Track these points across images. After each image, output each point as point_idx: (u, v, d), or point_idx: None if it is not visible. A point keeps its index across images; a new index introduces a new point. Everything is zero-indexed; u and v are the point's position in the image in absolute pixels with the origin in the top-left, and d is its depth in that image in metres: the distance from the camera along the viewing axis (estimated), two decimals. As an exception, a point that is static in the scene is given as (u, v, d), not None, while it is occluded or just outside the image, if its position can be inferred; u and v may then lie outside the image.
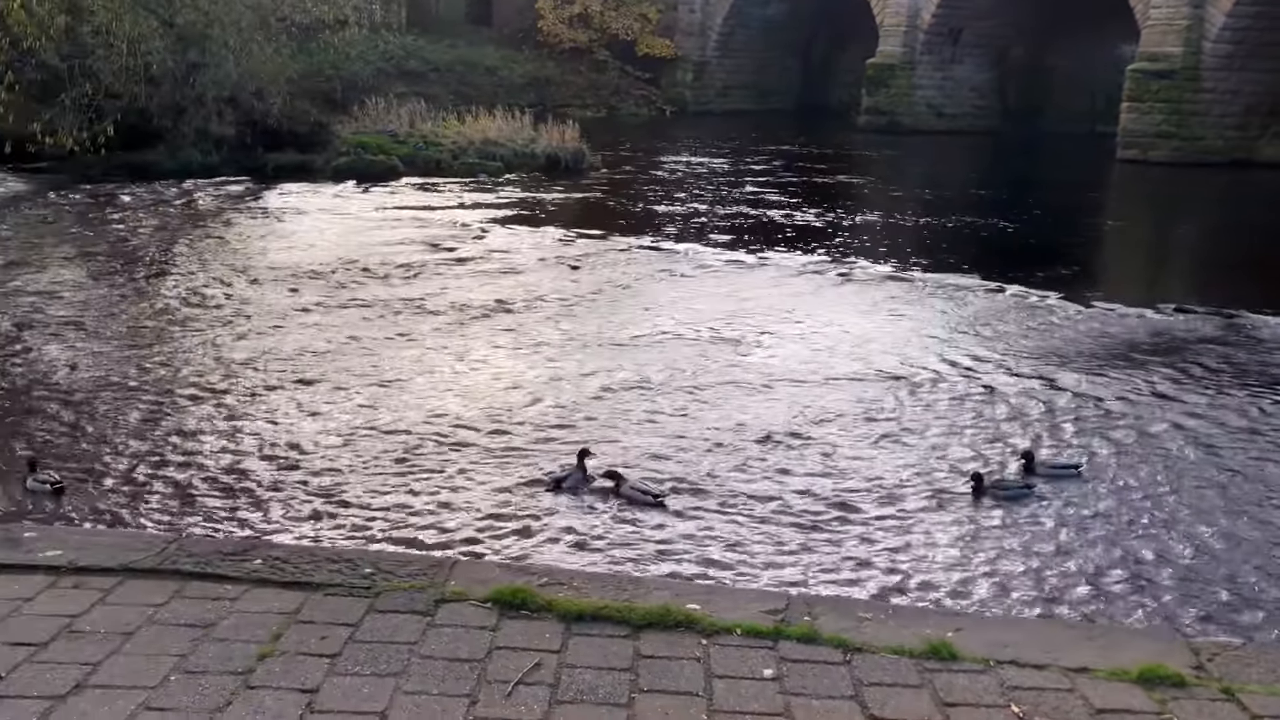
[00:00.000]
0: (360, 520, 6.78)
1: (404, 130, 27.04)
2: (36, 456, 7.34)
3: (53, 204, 19.76)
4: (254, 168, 23.11)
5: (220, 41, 22.35)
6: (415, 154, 25.13)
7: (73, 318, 11.77)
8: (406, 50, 37.95)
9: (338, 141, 24.76)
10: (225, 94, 22.42)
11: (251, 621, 4.16)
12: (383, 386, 9.51)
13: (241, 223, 18.60)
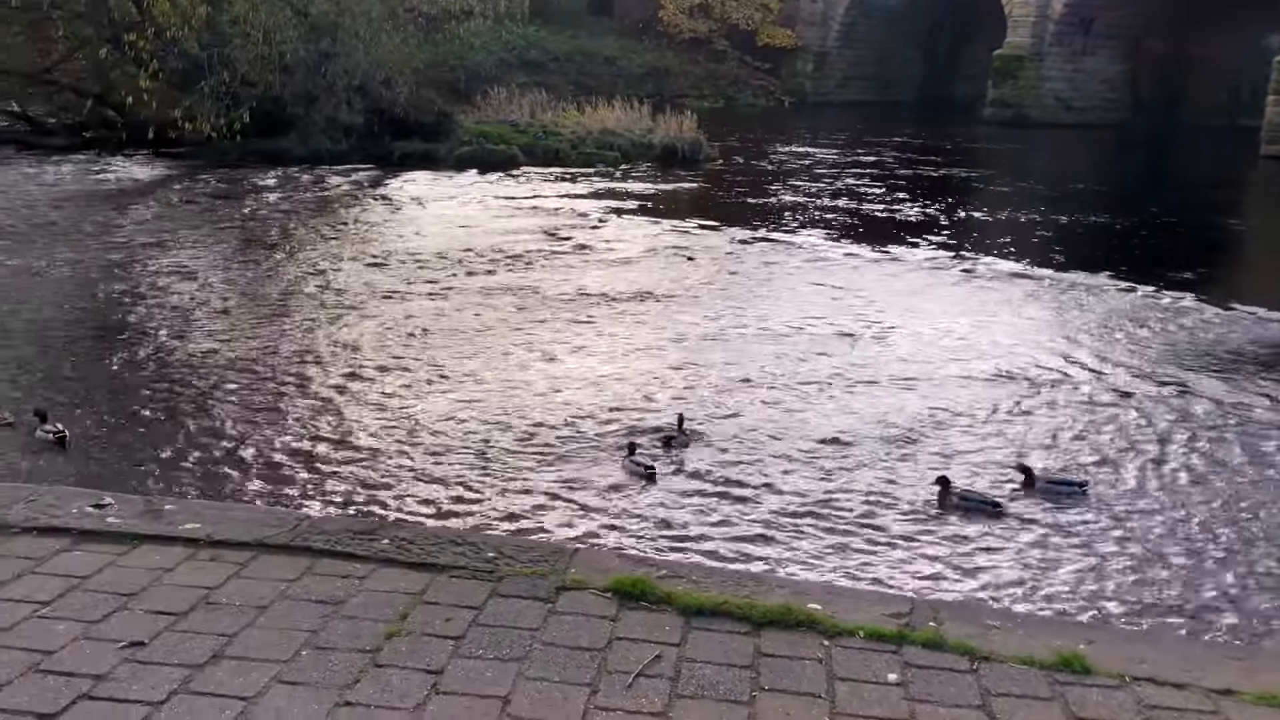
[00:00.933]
0: (478, 503, 6.87)
1: (524, 120, 27.39)
2: (47, 409, 7.81)
3: (191, 187, 20.55)
4: (380, 155, 23.67)
5: (351, 31, 22.92)
6: (535, 143, 25.40)
7: (204, 296, 12.22)
8: (528, 41, 38.42)
9: (460, 131, 25.18)
10: (355, 83, 22.97)
11: (379, 600, 4.24)
12: (496, 372, 9.63)
13: (367, 209, 19.07)
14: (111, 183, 21.22)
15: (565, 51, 40.29)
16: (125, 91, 22.39)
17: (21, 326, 10.81)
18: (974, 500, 7.00)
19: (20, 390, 8.82)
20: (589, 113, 27.93)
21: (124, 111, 23.97)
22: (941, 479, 7.11)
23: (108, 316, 11.38)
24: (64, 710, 3.39)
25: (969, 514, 6.91)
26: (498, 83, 31.36)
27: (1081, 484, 7.31)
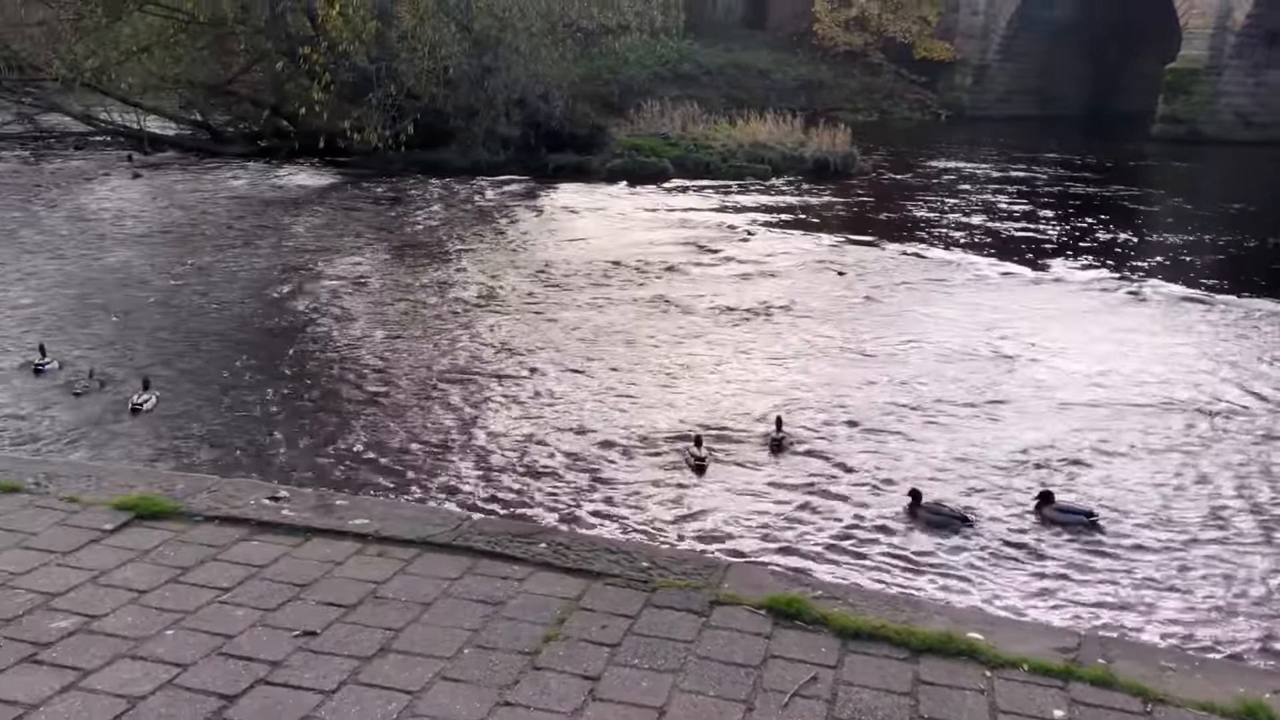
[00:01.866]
0: (624, 510, 6.92)
1: (676, 133, 27.55)
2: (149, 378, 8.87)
3: (357, 196, 21.38)
4: (535, 167, 24.17)
5: (512, 46, 23.49)
6: (686, 156, 25.52)
7: (365, 299, 12.70)
8: (681, 54, 38.66)
9: (613, 143, 25.49)
10: (514, 96, 23.53)
11: (537, 603, 4.32)
12: (643, 382, 9.69)
13: (521, 219, 19.48)
14: (283, 190, 22.26)
15: (718, 65, 40.38)
16: (299, 103, 23.46)
17: (196, 323, 11.41)
18: (944, 514, 6.86)
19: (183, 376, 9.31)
20: (740, 126, 27.92)
21: (297, 122, 25.14)
22: (913, 491, 7.01)
23: (275, 316, 11.92)
24: (243, 693, 3.56)
25: (938, 528, 6.78)
26: (650, 96, 31.65)
27: (1090, 514, 6.94)
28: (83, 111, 26.46)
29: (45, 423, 8.15)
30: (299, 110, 23.52)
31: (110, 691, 3.50)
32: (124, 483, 5.32)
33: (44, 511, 4.90)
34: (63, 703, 3.43)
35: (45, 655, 3.71)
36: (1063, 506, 6.97)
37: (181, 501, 5.07)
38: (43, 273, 13.59)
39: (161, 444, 7.80)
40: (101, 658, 3.71)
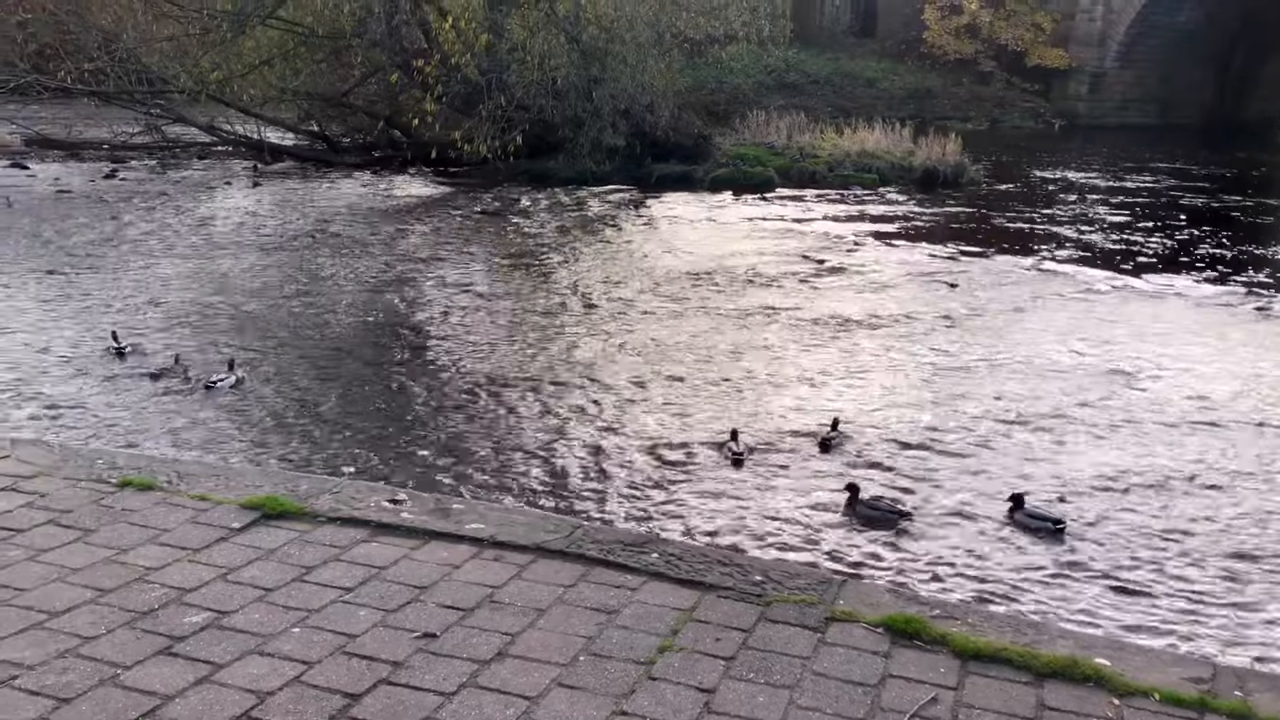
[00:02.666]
0: (729, 522, 6.89)
1: (781, 142, 27.41)
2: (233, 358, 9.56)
3: (466, 205, 21.77)
4: (640, 177, 24.28)
5: (619, 57, 23.66)
6: (791, 165, 25.36)
7: (472, 306, 12.90)
8: (787, 63, 38.48)
9: (718, 153, 25.48)
10: (621, 107, 23.68)
11: (651, 613, 4.32)
12: (747, 394, 9.64)
13: (626, 228, 19.59)
14: (395, 199, 22.78)
15: (825, 74, 40.09)
16: (411, 114, 24.01)
17: (309, 327, 11.73)
18: (881, 510, 6.95)
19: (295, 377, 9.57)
20: (847, 135, 27.63)
21: (409, 133, 25.73)
22: (850, 485, 7.13)
23: (385, 321, 12.18)
24: (367, 692, 3.64)
25: (874, 523, 6.86)
26: (756, 105, 31.55)
27: (1057, 521, 6.87)
28: (207, 122, 27.47)
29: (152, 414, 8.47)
30: (411, 122, 24.05)
31: (240, 686, 3.61)
32: (251, 482, 5.49)
33: (176, 509, 5.09)
34: (196, 695, 3.55)
35: (179, 648, 3.84)
36: (1032, 512, 7.01)
37: (305, 502, 5.21)
38: (167, 276, 14.14)
39: (273, 442, 8.02)
40: (231, 653, 3.83)
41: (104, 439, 7.83)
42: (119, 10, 27.30)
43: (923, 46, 44.10)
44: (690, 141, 25.17)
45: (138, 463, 5.83)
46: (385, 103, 26.88)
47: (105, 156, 26.89)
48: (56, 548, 4.59)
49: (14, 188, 21.91)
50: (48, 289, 13.11)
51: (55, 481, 5.35)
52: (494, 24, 23.41)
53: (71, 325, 11.33)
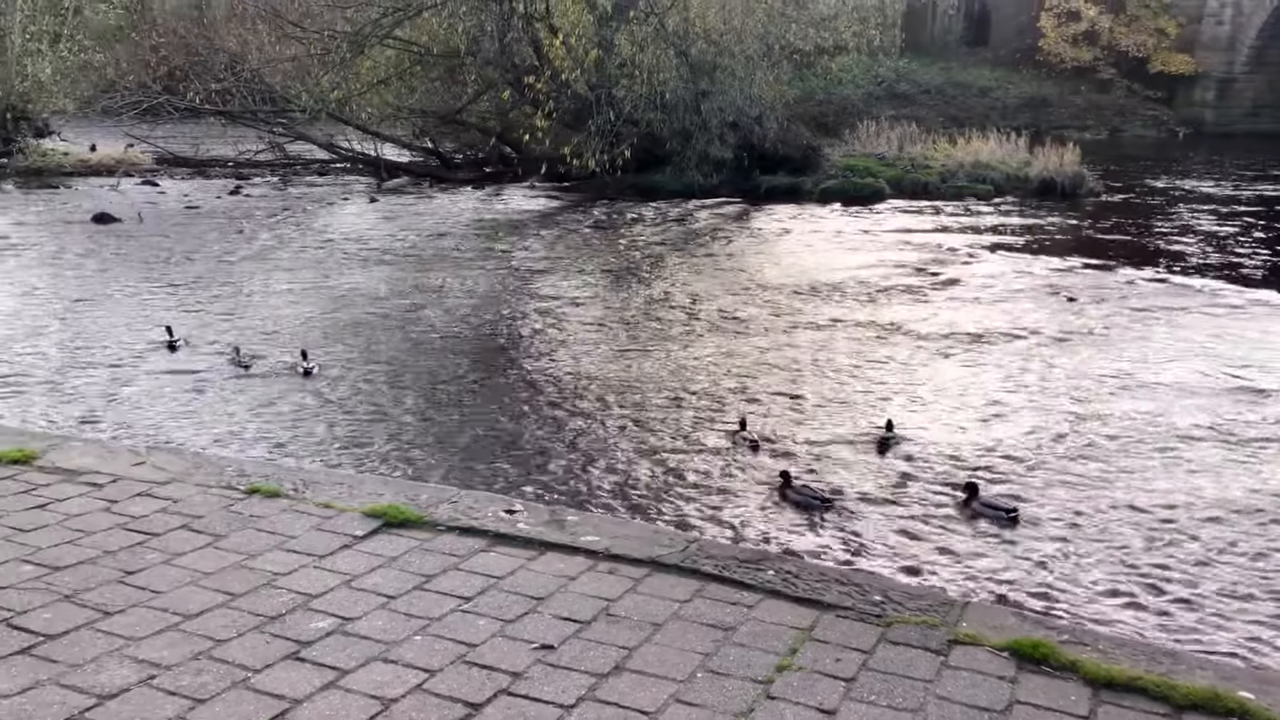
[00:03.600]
0: (847, 540, 6.78)
1: (892, 153, 27.06)
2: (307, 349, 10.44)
3: (575, 219, 22.00)
4: (748, 189, 24.22)
5: (728, 70, 23.67)
6: (902, 176, 25.01)
7: (579, 318, 12.99)
8: (898, 73, 38.01)
9: (827, 164, 25.27)
10: (729, 119, 23.68)
11: (768, 631, 4.27)
12: (860, 405, 9.49)
13: (734, 241, 19.54)
14: (506, 213, 23.15)
15: (936, 83, 39.47)
16: (522, 130, 24.40)
17: (423, 337, 11.96)
18: (808, 495, 7.25)
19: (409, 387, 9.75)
20: (960, 145, 27.12)
21: (520, 148, 26.16)
22: (783, 473, 7.45)
23: (496, 332, 12.35)
24: (488, 702, 3.67)
25: (803, 508, 7.17)
26: (865, 116, 31.23)
27: (1011, 510, 7.13)
28: (326, 140, 28.35)
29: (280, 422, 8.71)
30: (522, 137, 24.44)
31: (365, 692, 3.68)
32: (373, 491, 5.61)
33: (301, 516, 5.22)
34: (324, 700, 3.62)
35: (306, 653, 3.93)
36: (986, 501, 7.28)
37: (425, 511, 5.30)
38: (289, 289, 14.59)
39: (392, 451, 8.19)
40: (356, 659, 3.91)
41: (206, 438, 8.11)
42: (244, 33, 28.42)
43: (1038, 54, 43.08)
44: (799, 153, 25.02)
45: (265, 470, 6.01)
46: (497, 119, 27.37)
47: (230, 173, 27.95)
48: (190, 552, 4.75)
49: (145, 203, 22.91)
50: (174, 299, 13.65)
51: (188, 487, 5.54)
52: (603, 40, 23.64)
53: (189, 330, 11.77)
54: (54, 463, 5.85)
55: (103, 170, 28.17)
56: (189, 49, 29.02)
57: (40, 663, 3.76)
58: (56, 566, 4.54)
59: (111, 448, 6.34)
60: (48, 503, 5.26)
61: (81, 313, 12.86)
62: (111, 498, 5.36)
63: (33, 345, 11.28)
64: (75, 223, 20.51)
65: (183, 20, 32.78)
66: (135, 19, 37.46)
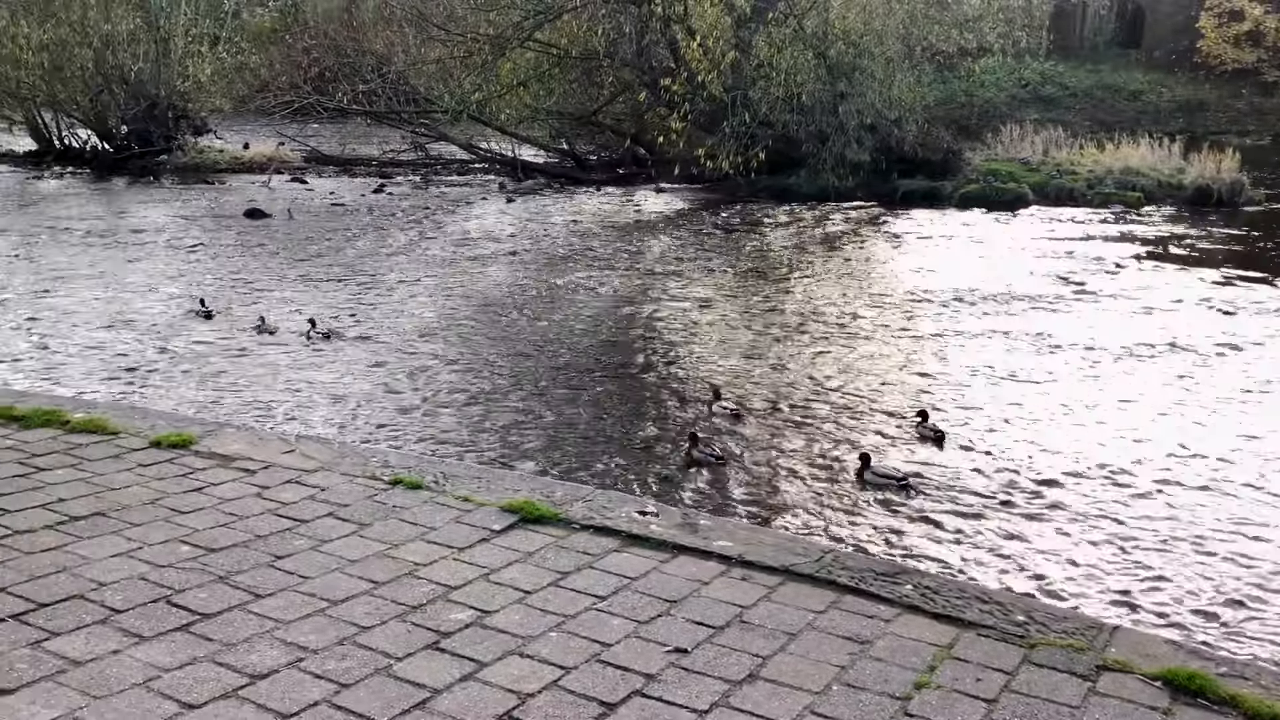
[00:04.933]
0: (991, 557, 6.59)
1: (1036, 157, 26.27)
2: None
3: (707, 220, 21.99)
4: (884, 193, 23.84)
5: (868, 72, 23.34)
6: (1047, 182, 24.25)
7: (711, 322, 12.97)
8: (1043, 76, 36.86)
9: (967, 168, 24.68)
10: (867, 122, 23.35)
11: (906, 647, 4.17)
12: (998, 420, 9.21)
13: (869, 245, 19.24)
14: (638, 214, 23.30)
15: (1084, 86, 38.13)
16: (657, 132, 24.53)
17: (555, 334, 12.10)
18: (707, 455, 8.09)
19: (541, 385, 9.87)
20: (1109, 150, 26.14)
21: (654, 149, 26.30)
22: (691, 435, 8.25)
23: (625, 332, 12.42)
24: (622, 702, 3.68)
25: (702, 466, 7.99)
26: (1009, 119, 30.38)
27: (902, 478, 7.61)
28: (466, 141, 29.02)
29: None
30: (656, 139, 24.57)
31: (502, 686, 3.73)
32: (510, 486, 5.70)
33: (441, 508, 5.33)
34: (462, 691, 3.68)
35: (446, 644, 4.00)
36: (879, 470, 7.70)
37: (560, 509, 5.35)
38: (423, 283, 14.97)
39: (523, 446, 8.31)
40: (494, 652, 3.96)
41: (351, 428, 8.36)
42: (391, 36, 29.31)
43: (1195, 56, 41.17)
44: (938, 156, 24.51)
45: (407, 462, 6.16)
46: (631, 121, 27.60)
47: (374, 172, 28.86)
48: (336, 539, 4.90)
49: (294, 200, 23.83)
50: (319, 293, 14.15)
51: (334, 476, 5.72)
52: (741, 41, 23.58)
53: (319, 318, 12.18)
54: (210, 448, 6.11)
55: (255, 167, 29.44)
56: (339, 51, 30.09)
57: (197, 640, 3.92)
58: (212, 548, 4.74)
59: (263, 435, 6.60)
60: (203, 486, 5.50)
61: (234, 300, 13.45)
62: (263, 484, 5.57)
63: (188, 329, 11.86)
64: (228, 217, 21.47)
65: (333, 23, 33.99)
66: (289, 22, 39.00)
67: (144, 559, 4.59)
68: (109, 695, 3.51)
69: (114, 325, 12.31)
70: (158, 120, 31.03)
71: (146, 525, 4.94)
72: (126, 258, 16.85)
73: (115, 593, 4.25)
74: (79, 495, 5.26)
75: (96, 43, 30.11)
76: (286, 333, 11.91)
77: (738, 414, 9.07)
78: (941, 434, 8.63)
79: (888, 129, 23.66)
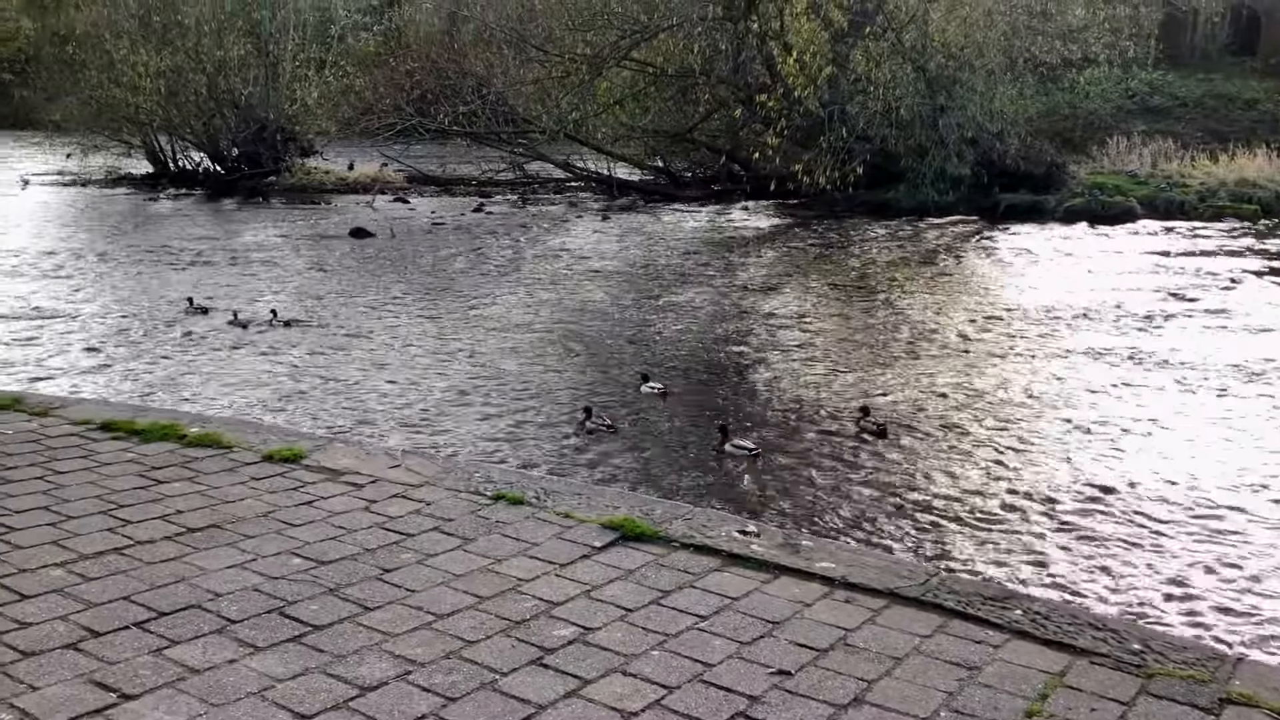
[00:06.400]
0: (1103, 580, 6.39)
1: (1145, 170, 25.55)
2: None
3: (803, 236, 21.86)
4: (985, 208, 23.42)
5: (968, 85, 23.01)
6: (1156, 195, 23.56)
7: (807, 339, 12.86)
8: (1152, 85, 35.79)
9: (1072, 182, 24.13)
10: (967, 135, 22.99)
11: (1016, 674, 4.07)
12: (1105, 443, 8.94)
13: (970, 261, 18.90)
14: (733, 231, 23.27)
15: (1195, 96, 36.86)
16: (752, 148, 24.51)
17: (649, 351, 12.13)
18: (598, 424, 8.92)
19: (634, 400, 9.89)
20: (1223, 162, 25.28)
21: (749, 166, 26.27)
22: (586, 408, 9.06)
23: (720, 349, 12.39)
24: (725, 724, 3.66)
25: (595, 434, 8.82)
26: (1115, 131, 29.59)
27: (753, 449, 8.45)
28: (563, 160, 29.38)
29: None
30: (751, 155, 24.56)
31: (606, 704, 3.73)
32: (609, 503, 5.72)
33: (543, 524, 5.38)
34: (566, 707, 3.70)
35: (549, 660, 4.03)
36: (736, 443, 8.50)
37: (660, 526, 5.35)
38: (520, 301, 15.16)
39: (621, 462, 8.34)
40: (597, 669, 3.97)
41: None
42: (490, 57, 29.85)
43: (1317, 62, 39.53)
44: (1041, 170, 24.01)
45: (509, 478, 6.23)
46: (726, 137, 27.61)
47: (473, 192, 29.37)
48: (441, 554, 4.97)
49: (397, 220, 24.38)
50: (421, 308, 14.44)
51: (439, 491, 5.81)
52: (838, 56, 23.44)
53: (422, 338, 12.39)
54: (319, 462, 6.27)
55: (359, 188, 30.22)
56: (440, 73, 30.76)
57: (308, 651, 4.01)
58: (322, 561, 4.85)
59: (370, 450, 6.74)
60: (314, 500, 5.63)
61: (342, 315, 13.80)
62: (370, 498, 5.69)
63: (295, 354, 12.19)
64: (334, 236, 22.06)
65: (434, 46, 34.76)
66: (392, 45, 40.02)
67: (257, 570, 4.72)
68: (226, 704, 3.61)
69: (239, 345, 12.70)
70: (266, 142, 32.06)
71: (260, 537, 5.08)
72: (239, 275, 17.42)
73: (231, 603, 4.38)
74: (196, 507, 5.44)
75: (209, 68, 31.29)
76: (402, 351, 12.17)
77: (881, 431, 9.05)
78: (883, 427, 9.04)
79: (989, 142, 23.26)
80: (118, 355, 11.83)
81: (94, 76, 31.04)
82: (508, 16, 31.08)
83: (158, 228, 23.83)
